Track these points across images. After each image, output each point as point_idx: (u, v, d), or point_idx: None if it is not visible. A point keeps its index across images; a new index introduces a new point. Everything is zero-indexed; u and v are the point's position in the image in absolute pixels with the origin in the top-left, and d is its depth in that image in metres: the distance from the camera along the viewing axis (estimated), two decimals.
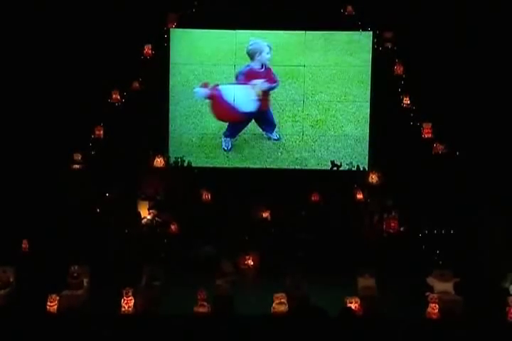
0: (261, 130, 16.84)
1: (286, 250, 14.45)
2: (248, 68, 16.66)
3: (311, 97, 16.78)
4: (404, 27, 16.02)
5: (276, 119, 16.78)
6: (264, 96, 16.65)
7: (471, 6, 15.72)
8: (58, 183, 15.41)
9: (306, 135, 16.79)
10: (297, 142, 16.82)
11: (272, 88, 16.66)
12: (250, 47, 16.55)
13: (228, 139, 16.78)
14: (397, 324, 9.08)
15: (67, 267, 11.88)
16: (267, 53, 16.55)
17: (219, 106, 16.73)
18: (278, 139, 16.77)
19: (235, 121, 16.81)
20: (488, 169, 14.98)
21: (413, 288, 12.17)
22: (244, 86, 16.62)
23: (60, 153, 15.60)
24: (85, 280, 11.85)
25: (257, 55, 16.55)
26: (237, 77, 16.70)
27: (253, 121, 16.81)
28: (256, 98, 16.58)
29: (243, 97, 16.62)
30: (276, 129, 16.76)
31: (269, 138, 16.79)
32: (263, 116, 16.77)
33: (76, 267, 11.82)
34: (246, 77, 16.63)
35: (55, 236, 14.15)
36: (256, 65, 16.62)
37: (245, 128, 16.83)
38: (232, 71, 16.76)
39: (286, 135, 16.84)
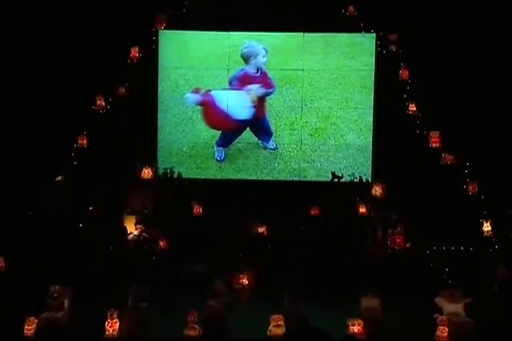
0: (256, 139, 16.80)
1: (284, 268, 14.35)
2: (242, 72, 16.59)
3: (309, 104, 16.76)
4: (410, 28, 16.05)
5: (272, 127, 16.74)
6: (260, 102, 16.58)
7: (482, 6, 15.73)
8: (38, 196, 15.31)
9: (305, 144, 16.75)
10: (295, 152, 16.78)
11: (268, 94, 16.60)
12: (245, 50, 16.48)
13: (221, 149, 16.72)
14: None
15: (46, 287, 11.72)
16: (263, 56, 16.48)
17: (211, 113, 16.66)
18: (275, 149, 16.71)
19: (229, 130, 16.75)
20: (500, 181, 14.98)
21: (420, 310, 12.09)
22: (239, 91, 16.55)
23: (40, 163, 15.51)
24: (66, 302, 11.71)
25: (252, 58, 16.48)
26: (230, 82, 16.64)
27: (248, 129, 16.76)
28: (251, 104, 16.50)
29: (237, 104, 16.55)
30: (272, 138, 16.72)
31: (265, 148, 16.74)
32: (259, 124, 16.72)
33: (56, 287, 11.66)
34: (240, 82, 16.56)
35: (34, 254, 14.03)
36: (251, 69, 16.56)
37: (239, 137, 16.80)
38: (225, 75, 16.73)
39: (284, 144, 16.80)
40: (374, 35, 16.63)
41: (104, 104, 16.52)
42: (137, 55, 16.84)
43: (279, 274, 14.03)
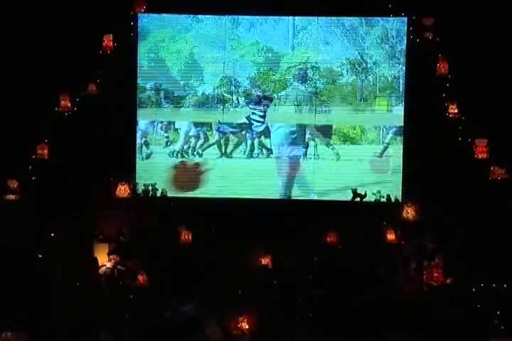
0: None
1: (293, 309, 14.12)
2: None
3: (324, 107, 16.87)
4: (450, 11, 15.93)
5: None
6: None
7: None
8: None
9: (318, 155, 16.79)
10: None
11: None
12: None
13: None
14: None
15: None
16: None
17: None
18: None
19: None
20: None
21: None
22: None
23: None
24: None
25: None
26: None
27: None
28: None
29: None
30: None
31: None
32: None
33: (8, 334, 11.66)
34: None
35: None
36: None
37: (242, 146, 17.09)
38: (221, 70, 16.79)
39: None
40: (405, 19, 16.63)
41: (69, 104, 16.35)
42: (111, 44, 16.72)
43: (287, 317, 13.81)
